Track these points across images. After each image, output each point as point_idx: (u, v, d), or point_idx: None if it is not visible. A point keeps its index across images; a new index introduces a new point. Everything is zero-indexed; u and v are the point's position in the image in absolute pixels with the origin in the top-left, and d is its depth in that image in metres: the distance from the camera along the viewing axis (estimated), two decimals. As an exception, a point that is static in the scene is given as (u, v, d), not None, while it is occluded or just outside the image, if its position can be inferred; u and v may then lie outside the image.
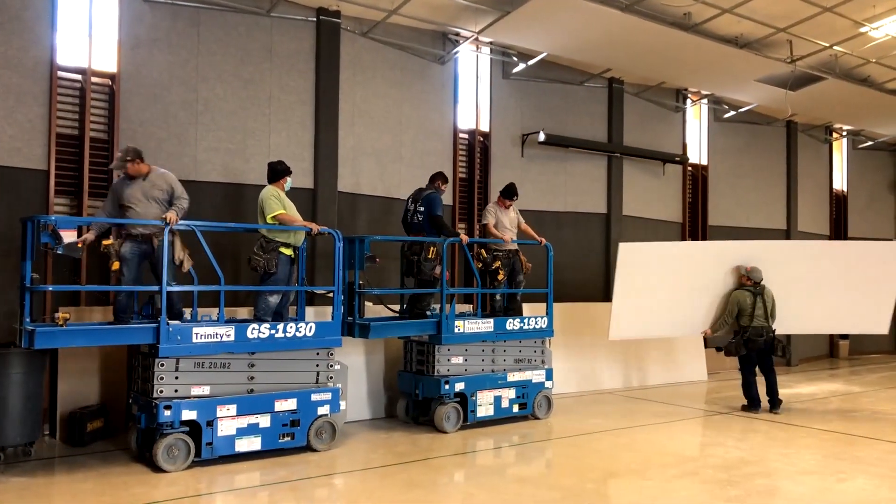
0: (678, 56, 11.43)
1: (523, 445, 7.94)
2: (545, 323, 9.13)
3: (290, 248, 7.32)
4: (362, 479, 6.52)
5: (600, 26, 10.11)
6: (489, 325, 8.61)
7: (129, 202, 6.77)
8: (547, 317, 9.15)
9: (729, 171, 15.07)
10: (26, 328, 6.15)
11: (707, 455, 7.51)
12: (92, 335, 6.57)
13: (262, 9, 9.26)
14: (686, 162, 14.19)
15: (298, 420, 7.13)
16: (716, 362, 13.88)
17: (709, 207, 14.71)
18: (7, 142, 7.61)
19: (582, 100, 12.73)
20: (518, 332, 8.89)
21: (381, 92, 10.34)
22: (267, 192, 7.28)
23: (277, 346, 7.08)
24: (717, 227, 14.73)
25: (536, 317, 9.07)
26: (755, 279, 9.67)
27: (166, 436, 6.39)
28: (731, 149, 15.12)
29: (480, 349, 8.65)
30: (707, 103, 14.62)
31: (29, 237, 6.33)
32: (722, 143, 15.01)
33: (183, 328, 6.57)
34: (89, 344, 6.87)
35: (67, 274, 7.77)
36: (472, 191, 11.35)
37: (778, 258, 9.89)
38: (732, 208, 15.08)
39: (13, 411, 6.69)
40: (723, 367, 14.10)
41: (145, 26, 8.51)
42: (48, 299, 7.74)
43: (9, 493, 5.87)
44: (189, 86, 8.76)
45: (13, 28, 7.68)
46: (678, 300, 9.84)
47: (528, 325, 8.98)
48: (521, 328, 8.92)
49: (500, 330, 8.72)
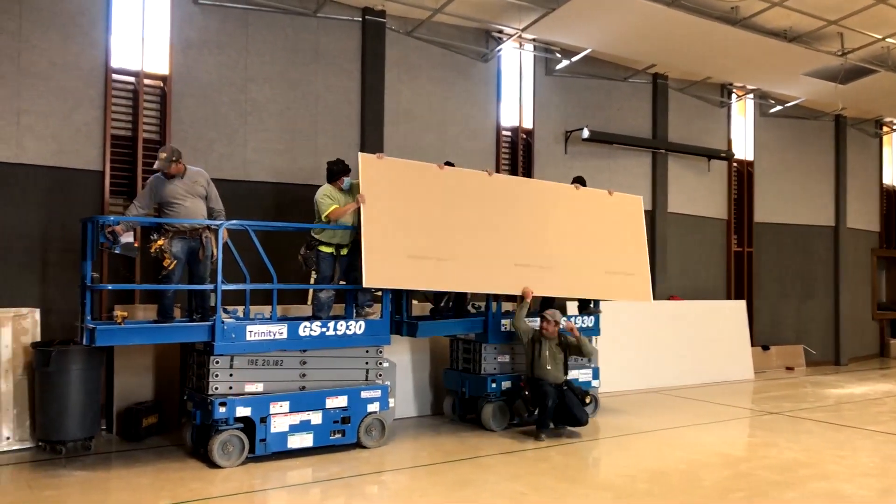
0: (724, 50, 11.26)
1: (572, 444, 7.89)
2: (591, 322, 9.07)
3: (332, 247, 7.38)
4: (412, 476, 6.56)
5: (645, 22, 10.01)
6: (536, 324, 8.58)
7: (174, 199, 6.85)
8: (594, 316, 9.09)
9: (775, 166, 14.81)
10: (87, 326, 6.30)
11: (759, 456, 7.40)
12: (149, 333, 6.70)
13: (308, 9, 9.35)
14: (731, 158, 13.98)
15: (349, 417, 7.20)
16: (762, 361, 13.71)
17: (755, 204, 14.47)
18: (66, 144, 7.80)
19: (626, 96, 12.62)
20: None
21: (425, 90, 10.38)
22: (320, 192, 7.37)
23: (328, 343, 7.16)
24: (764, 224, 14.51)
25: (584, 315, 9.02)
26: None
27: (221, 432, 6.51)
28: (778, 144, 14.86)
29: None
30: (753, 98, 14.39)
31: (88, 237, 6.49)
32: (768, 139, 14.75)
33: (237, 326, 6.68)
34: (147, 342, 7.01)
35: (123, 272, 7.94)
36: (515, 188, 11.32)
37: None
38: (779, 205, 14.82)
39: (73, 407, 6.88)
40: (769, 365, 13.93)
41: (196, 28, 8.66)
42: (104, 297, 7.92)
43: (71, 487, 6.03)
44: (238, 86, 8.89)
45: (70, 33, 7.87)
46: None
47: (577, 324, 8.91)
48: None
49: None
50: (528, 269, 8.14)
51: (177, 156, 6.88)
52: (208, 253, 6.90)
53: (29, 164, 7.61)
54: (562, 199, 8.71)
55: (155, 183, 6.89)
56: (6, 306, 7.36)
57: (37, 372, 7.01)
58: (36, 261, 7.63)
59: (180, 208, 6.86)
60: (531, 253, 8.20)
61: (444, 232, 7.61)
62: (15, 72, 7.55)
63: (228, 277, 6.82)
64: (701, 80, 13.27)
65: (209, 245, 6.91)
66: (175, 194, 6.86)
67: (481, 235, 7.86)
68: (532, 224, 8.27)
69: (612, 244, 8.90)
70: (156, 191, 6.86)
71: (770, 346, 14.24)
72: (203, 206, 7.03)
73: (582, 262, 8.48)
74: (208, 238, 6.92)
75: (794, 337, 14.86)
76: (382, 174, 7.35)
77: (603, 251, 8.77)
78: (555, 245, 8.34)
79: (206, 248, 6.90)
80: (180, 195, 6.87)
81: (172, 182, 6.88)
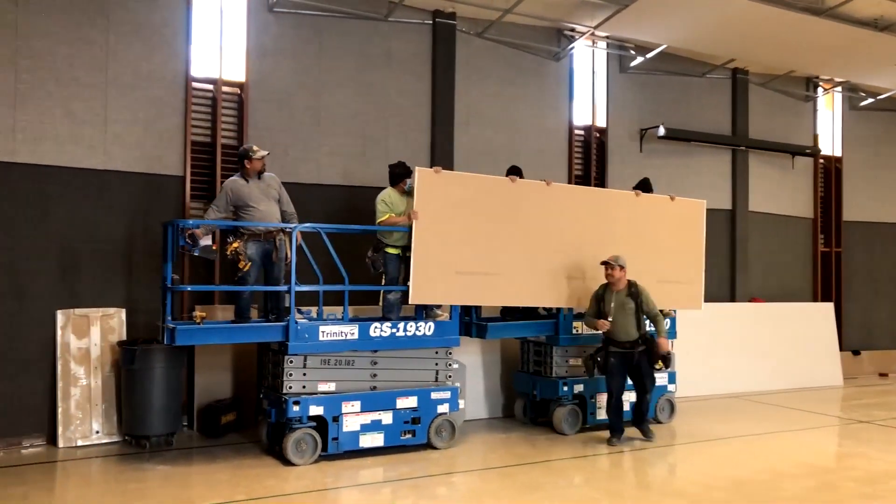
0: (809, 43, 10.79)
1: (646, 450, 7.72)
2: (667, 325, 8.83)
3: (398, 249, 7.43)
4: (482, 478, 6.54)
5: (724, 15, 9.70)
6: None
7: (251, 202, 7.03)
8: (669, 319, 8.87)
9: (865, 162, 14.10)
10: (168, 326, 6.55)
11: (847, 467, 7.06)
12: (227, 333, 6.92)
13: (379, 14, 9.46)
14: (817, 154, 13.40)
15: (419, 418, 7.25)
16: (852, 367, 13.08)
17: (843, 202, 13.82)
18: (149, 150, 8.13)
19: (704, 92, 12.26)
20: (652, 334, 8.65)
21: (495, 91, 10.34)
22: (379, 197, 7.46)
23: (398, 344, 7.22)
24: (853, 223, 13.84)
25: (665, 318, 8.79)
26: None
27: (295, 430, 6.65)
28: (869, 139, 14.14)
29: (600, 350, 8.48)
30: (841, 91, 13.74)
31: (169, 240, 6.75)
32: (858, 133, 14.06)
33: (310, 327, 6.82)
34: (225, 342, 7.24)
35: (203, 274, 8.21)
36: (588, 188, 11.17)
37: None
38: (869, 202, 14.10)
39: (157, 403, 7.17)
40: (860, 371, 13.27)
41: (271, 36, 8.88)
42: (185, 298, 8.21)
43: (154, 481, 6.28)
44: (312, 92, 9.07)
45: (154, 44, 8.20)
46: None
47: (650, 328, 8.71)
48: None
49: None
50: (577, 282, 8.04)
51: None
52: (282, 255, 7.07)
53: (115, 170, 7.95)
54: (619, 207, 8.51)
55: (232, 186, 7.08)
56: (94, 306, 7.73)
57: (123, 369, 7.34)
58: (122, 263, 7.97)
59: (256, 212, 7.04)
60: (582, 264, 8.06)
61: (493, 246, 7.55)
62: (103, 82, 7.91)
63: (302, 279, 6.96)
64: (784, 74, 12.76)
65: (283, 247, 7.07)
66: (251, 197, 7.04)
67: (532, 248, 7.77)
68: (585, 234, 8.11)
69: (668, 252, 8.68)
70: (232, 194, 7.04)
71: (861, 350, 13.57)
72: (277, 210, 7.21)
73: (634, 272, 8.28)
74: (282, 240, 7.08)
75: (889, 341, 14.10)
76: (437, 189, 7.32)
77: (657, 260, 8.54)
78: (606, 255, 8.15)
79: (280, 251, 7.07)
80: (256, 198, 7.05)
81: (249, 185, 7.07)
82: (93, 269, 7.82)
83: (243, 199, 7.03)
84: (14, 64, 7.44)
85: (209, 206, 7.23)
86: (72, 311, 7.58)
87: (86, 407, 7.48)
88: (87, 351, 7.58)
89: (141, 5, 8.14)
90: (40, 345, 7.48)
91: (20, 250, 7.45)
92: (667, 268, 8.62)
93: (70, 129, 7.73)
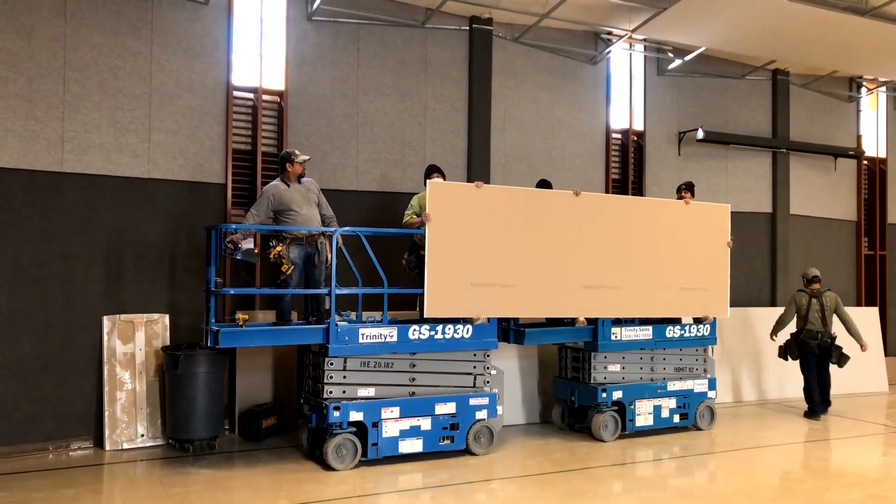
0: (853, 43, 10.58)
1: (685, 458, 7.66)
2: (707, 331, 8.77)
3: None
4: (521, 485, 6.54)
5: (765, 17, 9.56)
6: (647, 332, 8.38)
7: (293, 206, 7.12)
8: (710, 324, 8.78)
9: (912, 163, 13.79)
10: (212, 328, 6.67)
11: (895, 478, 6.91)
12: (269, 335, 7.03)
13: (417, 21, 9.51)
14: (861, 155, 13.13)
15: (458, 423, 7.26)
16: (899, 373, 12.78)
17: (888, 204, 13.53)
18: (191, 159, 8.28)
19: (743, 93, 12.10)
20: (678, 340, 8.60)
21: (531, 96, 10.33)
22: (412, 200, 7.54)
23: (436, 346, 7.25)
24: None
25: (698, 324, 8.73)
26: (808, 277, 9.86)
27: (335, 435, 6.72)
28: (915, 139, 13.82)
29: (639, 357, 8.44)
30: (885, 91, 13.44)
31: (212, 244, 6.87)
32: (904, 134, 13.76)
33: (350, 329, 6.89)
34: (267, 343, 7.36)
35: (244, 279, 8.34)
36: (625, 192, 11.09)
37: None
38: (916, 205, 13.78)
39: (199, 408, 7.29)
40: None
41: (309, 44, 8.98)
42: (227, 302, 8.35)
43: (198, 485, 6.39)
44: (350, 99, 9.15)
45: (196, 54, 8.35)
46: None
47: (690, 333, 8.66)
48: (682, 335, 8.62)
49: (659, 338, 8.47)
50: (596, 291, 7.91)
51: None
52: (323, 258, 7.17)
53: (159, 178, 8.11)
54: (642, 214, 8.35)
55: (273, 191, 7.16)
56: (139, 312, 7.90)
57: (166, 374, 7.48)
58: (165, 269, 8.13)
59: (297, 216, 7.13)
60: (601, 273, 7.92)
61: (510, 257, 7.48)
62: (147, 93, 8.08)
63: (342, 282, 7.04)
64: (827, 75, 12.54)
65: (324, 251, 7.18)
66: (293, 201, 7.13)
67: (549, 258, 7.68)
68: (606, 242, 7.99)
69: (692, 258, 8.50)
70: (274, 199, 7.13)
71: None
72: (317, 213, 7.30)
73: (656, 280, 8.16)
74: (323, 244, 7.19)
75: (938, 347, 13.76)
76: (451, 201, 7.28)
77: (680, 266, 8.39)
78: (629, 263, 8.03)
79: (322, 254, 7.17)
80: (297, 202, 7.14)
81: (290, 190, 7.17)
82: (137, 275, 7.98)
83: (285, 204, 7.12)
84: (63, 76, 7.63)
85: (248, 210, 7.34)
86: (117, 317, 7.75)
87: (131, 411, 7.65)
88: (132, 356, 7.74)
89: (183, 16, 8.30)
90: (88, 350, 7.67)
91: (69, 258, 7.64)
92: (689, 275, 8.47)
93: (115, 139, 7.90)
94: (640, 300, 8.15)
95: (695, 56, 11.09)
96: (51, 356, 7.50)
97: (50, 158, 7.57)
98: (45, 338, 7.49)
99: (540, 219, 7.68)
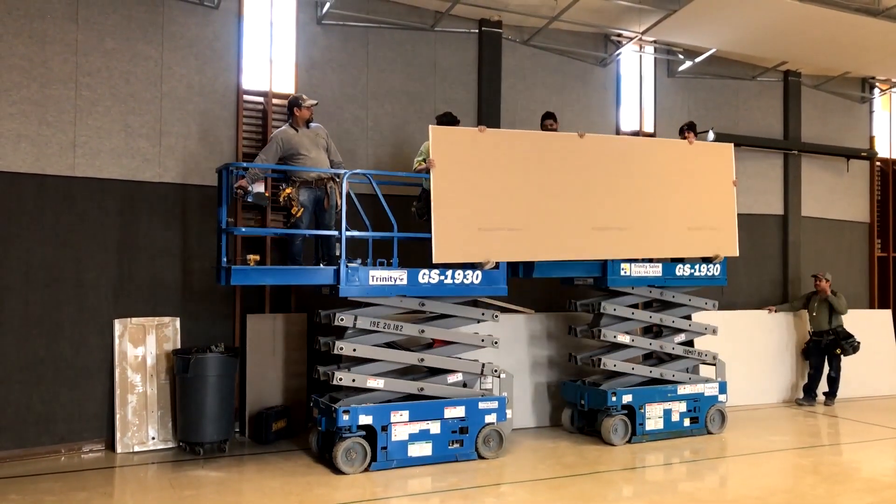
0: (865, 44, 10.50)
1: (696, 462, 7.63)
2: (717, 270, 8.72)
3: None
4: (531, 490, 6.53)
5: (776, 18, 9.50)
6: (657, 269, 8.40)
7: (302, 150, 7.19)
8: (720, 264, 8.74)
9: (926, 164, 13.66)
10: (223, 266, 6.72)
11: (907, 482, 6.86)
12: (279, 274, 7.21)
13: (426, 24, 9.52)
14: (874, 157, 13.03)
15: (467, 427, 7.26)
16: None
17: (901, 206, 13.42)
18: (202, 162, 8.31)
19: (754, 95, 12.03)
20: (688, 279, 8.58)
21: (541, 98, 10.30)
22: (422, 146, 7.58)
23: (445, 291, 7.31)
24: (912, 227, 13.42)
25: (708, 263, 8.69)
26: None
27: (345, 439, 6.73)
28: (929, 140, 13.70)
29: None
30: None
31: (224, 184, 6.95)
32: (917, 135, 13.63)
33: (361, 270, 6.93)
34: (277, 282, 7.45)
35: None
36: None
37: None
38: (930, 206, 13.65)
39: (210, 411, 7.35)
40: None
41: (319, 48, 9.00)
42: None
43: (208, 488, 6.42)
44: (359, 103, 9.17)
45: (206, 58, 8.39)
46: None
47: (700, 272, 8.63)
48: (692, 274, 8.59)
49: (669, 275, 8.47)
50: (605, 233, 7.89)
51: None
52: (333, 202, 7.25)
53: (170, 182, 8.16)
54: (647, 154, 8.36)
55: (282, 136, 7.25)
56: (150, 315, 7.94)
57: (177, 377, 7.53)
58: (176, 273, 8.17)
59: (307, 159, 7.20)
60: (610, 215, 7.91)
61: (517, 201, 7.46)
62: (158, 97, 8.12)
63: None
64: (839, 76, 12.44)
65: (333, 195, 7.26)
66: (302, 146, 7.21)
67: (558, 201, 7.66)
68: (613, 184, 7.97)
69: (698, 198, 8.47)
70: (283, 143, 7.19)
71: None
72: (326, 158, 7.38)
73: (663, 220, 8.16)
74: (333, 188, 7.25)
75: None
76: (456, 146, 7.29)
77: (687, 206, 8.37)
78: (636, 204, 8.03)
79: (331, 198, 7.25)
80: (306, 147, 7.22)
81: (298, 134, 7.25)
82: (148, 279, 8.02)
83: (294, 148, 7.19)
84: (75, 81, 7.69)
85: (257, 155, 7.39)
86: (129, 321, 7.80)
87: (142, 414, 7.69)
88: (143, 359, 7.79)
89: (194, 20, 8.34)
90: (100, 353, 7.72)
91: (81, 262, 7.69)
92: (696, 214, 8.44)
93: (126, 143, 7.95)
94: (649, 240, 8.16)
95: (705, 58, 11.03)
96: (63, 359, 7.55)
97: (62, 163, 7.63)
98: (57, 341, 7.54)
99: (546, 162, 7.68)
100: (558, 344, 9.14)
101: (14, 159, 7.41)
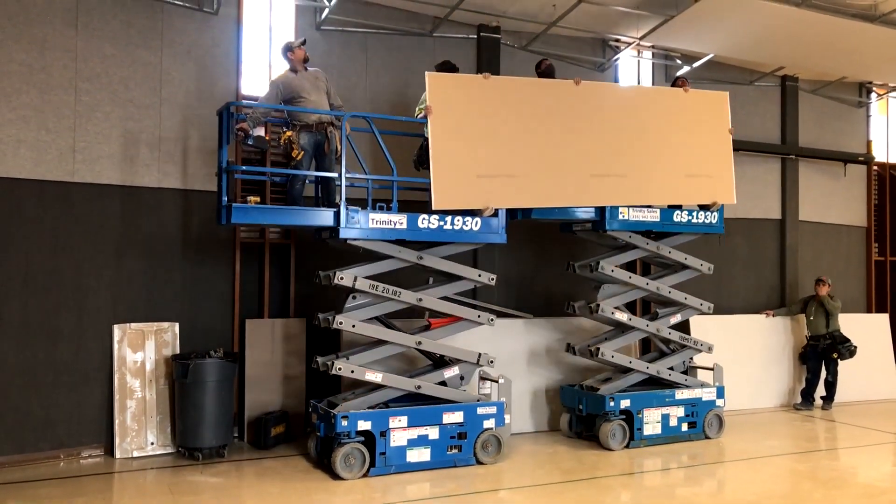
0: (862, 49, 10.55)
1: (694, 467, 7.65)
2: (715, 218, 8.76)
3: None
4: (530, 495, 6.55)
5: (774, 24, 9.54)
6: (655, 214, 8.41)
7: (302, 93, 7.20)
8: (717, 212, 8.77)
9: (922, 169, 13.70)
10: (223, 204, 6.75)
11: (904, 488, 6.89)
12: (279, 214, 7.21)
13: (425, 30, 9.54)
14: (871, 161, 13.06)
15: (465, 433, 7.28)
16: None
17: (899, 210, 13.45)
18: (200, 168, 8.32)
19: (752, 100, 12.06)
20: (685, 225, 8.62)
21: (540, 103, 10.32)
22: (423, 94, 7.53)
23: (445, 236, 7.34)
24: (909, 232, 13.45)
25: (706, 211, 8.73)
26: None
27: (344, 445, 6.75)
28: (925, 144, 13.74)
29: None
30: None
31: (224, 125, 6.95)
32: (914, 139, 13.67)
33: (361, 212, 6.96)
34: (277, 221, 7.46)
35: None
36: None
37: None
38: (927, 210, 13.68)
39: (209, 416, 7.36)
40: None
41: (318, 54, 8.99)
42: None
43: (207, 494, 6.43)
44: (359, 108, 9.11)
45: (205, 64, 8.40)
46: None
47: (697, 220, 8.66)
48: (689, 221, 8.62)
49: (666, 220, 8.50)
50: (604, 179, 7.92)
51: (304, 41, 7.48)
52: (333, 147, 7.26)
53: (169, 187, 8.17)
54: (644, 102, 8.41)
55: (282, 80, 7.26)
56: (149, 320, 7.95)
57: (176, 382, 7.54)
58: (175, 278, 8.18)
59: (307, 102, 7.21)
60: (608, 161, 7.93)
61: (515, 147, 7.48)
62: (157, 102, 8.14)
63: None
64: (836, 80, 12.47)
65: (334, 140, 7.27)
66: (302, 88, 7.22)
67: (556, 148, 7.68)
68: (610, 132, 7.99)
69: (695, 145, 8.49)
70: (283, 87, 7.20)
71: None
72: (326, 101, 7.39)
73: (661, 167, 8.18)
74: (333, 133, 7.26)
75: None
76: (453, 93, 7.30)
77: (684, 154, 8.39)
78: (633, 152, 8.05)
79: (332, 142, 7.26)
80: (307, 90, 7.23)
81: (298, 77, 7.26)
82: (147, 284, 8.04)
83: (294, 91, 7.20)
84: (74, 87, 7.70)
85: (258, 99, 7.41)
86: (128, 326, 7.81)
87: (141, 419, 7.70)
88: (142, 364, 7.80)
89: (193, 26, 8.36)
90: (99, 358, 7.73)
91: (80, 267, 7.70)
92: (693, 162, 8.46)
93: (125, 149, 7.96)
94: (647, 187, 8.19)
95: (703, 63, 11.07)
96: (62, 364, 7.56)
97: (61, 169, 7.64)
98: (56, 346, 7.55)
99: (543, 109, 7.70)
100: (556, 349, 9.15)
101: (13, 165, 7.43)
